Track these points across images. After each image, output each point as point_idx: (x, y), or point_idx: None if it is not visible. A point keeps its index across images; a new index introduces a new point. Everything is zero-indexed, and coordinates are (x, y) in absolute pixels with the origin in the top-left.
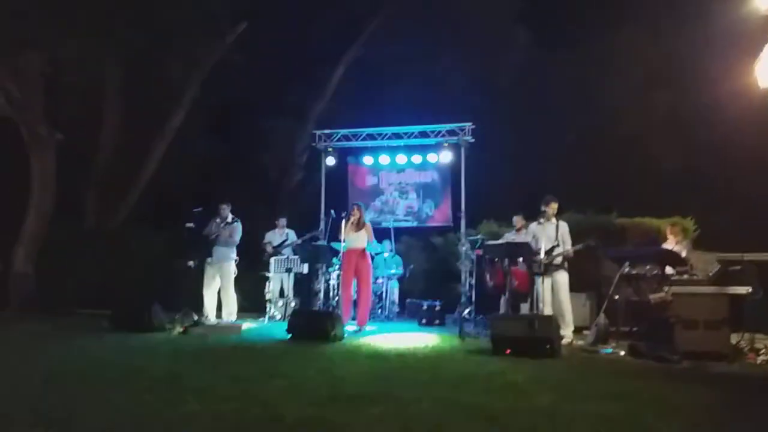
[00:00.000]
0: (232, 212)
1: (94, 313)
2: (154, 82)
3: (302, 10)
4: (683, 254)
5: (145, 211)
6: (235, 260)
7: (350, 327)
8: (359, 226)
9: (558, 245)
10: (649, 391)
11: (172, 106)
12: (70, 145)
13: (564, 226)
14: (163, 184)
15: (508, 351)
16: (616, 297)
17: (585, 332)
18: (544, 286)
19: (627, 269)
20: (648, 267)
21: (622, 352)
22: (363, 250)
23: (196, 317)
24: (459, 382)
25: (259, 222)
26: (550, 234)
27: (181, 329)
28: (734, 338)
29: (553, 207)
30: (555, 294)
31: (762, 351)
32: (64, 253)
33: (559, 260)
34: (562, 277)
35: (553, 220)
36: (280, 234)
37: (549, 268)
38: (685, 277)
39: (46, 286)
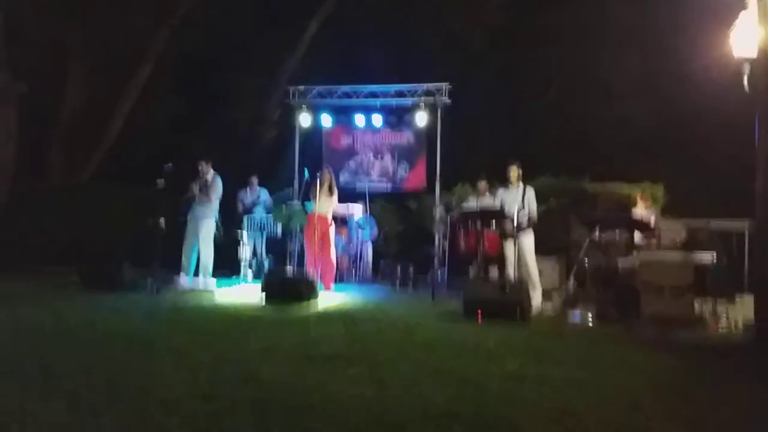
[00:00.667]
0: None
1: (61, 271)
2: (119, 36)
3: None
4: (652, 220)
5: (114, 167)
6: (216, 219)
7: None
8: (331, 191)
9: (523, 209)
10: (615, 356)
11: (139, 60)
12: (34, 98)
13: (530, 191)
14: (131, 140)
15: (480, 312)
16: (585, 261)
17: (554, 294)
18: (510, 249)
19: (596, 234)
20: (617, 232)
21: (590, 317)
22: (327, 216)
23: (167, 277)
24: (432, 345)
25: (231, 180)
26: (516, 198)
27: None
28: (697, 304)
29: (513, 171)
30: (521, 257)
31: (723, 317)
32: (28, 210)
33: (524, 223)
34: (528, 240)
35: (520, 184)
36: (252, 193)
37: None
38: (653, 242)
39: (9, 244)
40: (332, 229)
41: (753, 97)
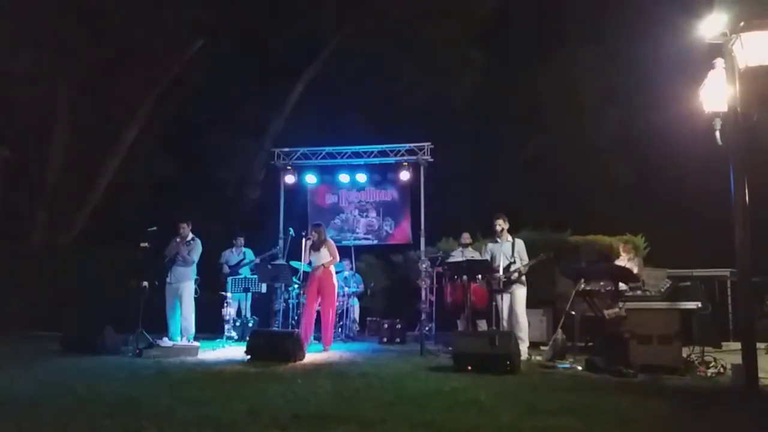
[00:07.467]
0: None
1: (43, 335)
2: (107, 98)
3: (261, 27)
4: (635, 271)
5: (98, 229)
6: (196, 280)
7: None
8: (319, 246)
9: (514, 262)
10: (606, 405)
11: (126, 121)
12: (18, 161)
13: (520, 244)
14: (116, 201)
15: (470, 368)
16: (572, 313)
17: (542, 348)
18: (503, 302)
19: (582, 285)
20: (602, 283)
21: (580, 367)
22: (326, 269)
23: (150, 339)
24: (422, 400)
25: (215, 240)
26: (506, 251)
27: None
28: (685, 352)
29: (499, 223)
30: (511, 309)
31: (711, 364)
32: (10, 272)
33: (515, 276)
34: (520, 293)
35: (509, 237)
36: (237, 253)
37: (507, 285)
38: (638, 293)
39: None
40: (331, 283)
41: (726, 150)
